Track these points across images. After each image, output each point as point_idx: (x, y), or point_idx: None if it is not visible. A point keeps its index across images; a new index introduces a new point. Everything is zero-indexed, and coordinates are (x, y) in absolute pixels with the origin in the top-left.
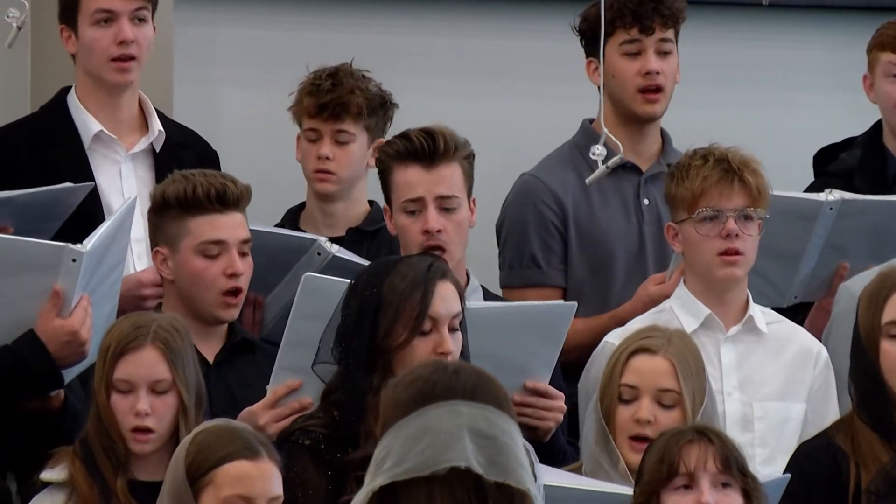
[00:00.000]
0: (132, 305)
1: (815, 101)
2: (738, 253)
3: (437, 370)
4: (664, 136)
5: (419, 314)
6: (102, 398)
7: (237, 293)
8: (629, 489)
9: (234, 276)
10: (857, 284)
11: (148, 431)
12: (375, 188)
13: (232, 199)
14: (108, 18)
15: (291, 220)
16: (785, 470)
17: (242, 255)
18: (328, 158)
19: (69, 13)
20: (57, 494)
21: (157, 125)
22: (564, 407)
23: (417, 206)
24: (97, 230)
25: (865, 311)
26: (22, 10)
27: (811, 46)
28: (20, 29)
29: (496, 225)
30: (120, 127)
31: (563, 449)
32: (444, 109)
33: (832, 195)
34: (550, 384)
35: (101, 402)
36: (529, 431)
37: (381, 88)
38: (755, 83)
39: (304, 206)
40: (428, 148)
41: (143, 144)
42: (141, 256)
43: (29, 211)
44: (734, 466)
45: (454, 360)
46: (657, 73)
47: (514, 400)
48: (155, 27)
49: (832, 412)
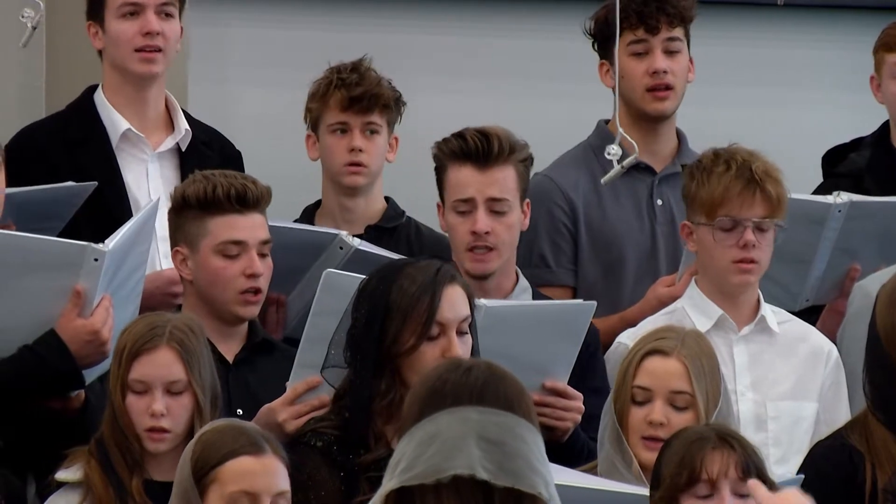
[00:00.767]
0: (164, 304)
1: (828, 100)
2: (753, 261)
3: (450, 368)
4: (680, 136)
5: (427, 319)
6: (118, 399)
7: (256, 293)
8: (643, 490)
9: (253, 276)
10: (872, 284)
11: (163, 431)
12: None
13: (252, 199)
14: (134, 11)
15: (307, 218)
16: (799, 470)
17: (262, 255)
18: (361, 151)
19: (96, 9)
20: (72, 495)
21: (183, 124)
22: (583, 407)
23: (468, 206)
24: (120, 230)
25: (885, 308)
26: (37, 9)
27: (826, 46)
28: (35, 29)
29: None
30: (147, 125)
31: (584, 447)
32: (456, 109)
33: (840, 197)
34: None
35: (116, 402)
36: (548, 431)
37: (391, 85)
38: (769, 83)
39: (319, 203)
40: (482, 149)
41: (169, 143)
42: (167, 256)
43: (30, 208)
44: (754, 473)
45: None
46: (665, 72)
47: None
48: (182, 27)
49: (843, 412)
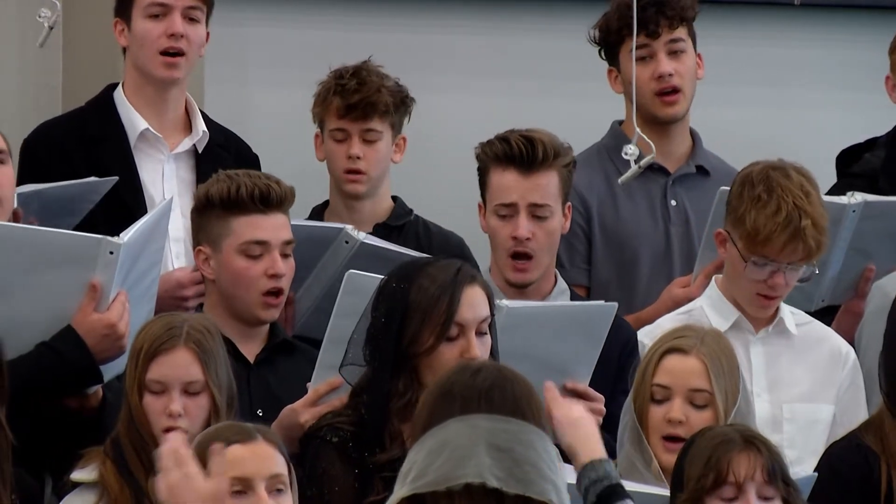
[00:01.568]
0: (172, 307)
1: (843, 100)
2: (776, 297)
3: (459, 370)
4: (694, 136)
5: (446, 320)
6: (135, 399)
7: (278, 294)
8: (663, 490)
9: (275, 276)
10: (891, 283)
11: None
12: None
13: (275, 199)
14: (161, 13)
15: (316, 217)
16: (816, 469)
17: (284, 256)
18: (359, 158)
19: (124, 6)
20: (88, 495)
21: (201, 126)
22: (604, 409)
23: (510, 210)
24: (134, 224)
25: None
26: (53, 9)
27: (842, 46)
28: (52, 29)
29: None
30: (165, 126)
31: (608, 448)
32: (469, 109)
33: (854, 198)
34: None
35: (133, 403)
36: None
37: (398, 83)
38: (784, 82)
39: (327, 203)
40: (526, 154)
41: (186, 145)
42: (179, 256)
43: (54, 205)
44: (778, 476)
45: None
46: (670, 74)
47: None
48: (208, 33)
49: (860, 414)
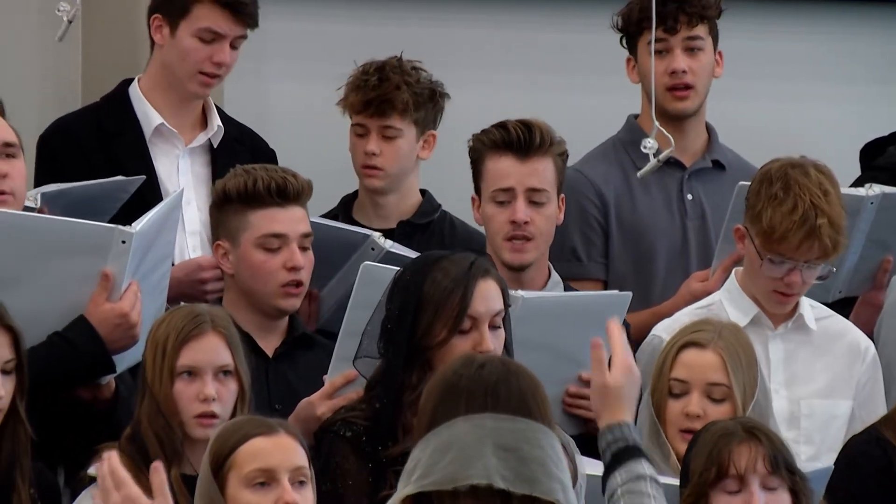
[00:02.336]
0: (193, 290)
1: (866, 93)
2: (793, 294)
3: (465, 363)
4: (710, 130)
5: (459, 313)
6: (165, 387)
7: (297, 286)
8: (675, 481)
9: (294, 269)
10: None
11: (213, 417)
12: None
13: (292, 192)
14: (212, 39)
15: (345, 208)
16: (836, 463)
17: (303, 249)
18: (375, 154)
19: (175, 10)
20: None
21: (216, 120)
22: None
23: (507, 196)
24: (146, 214)
25: None
26: (72, 3)
27: (863, 39)
28: (71, 23)
29: None
30: (181, 121)
31: None
32: (489, 103)
33: (872, 189)
34: None
35: (163, 391)
36: (584, 423)
37: (431, 80)
38: (805, 76)
39: (357, 193)
40: (524, 140)
41: (201, 139)
42: (196, 249)
43: (80, 204)
44: (782, 466)
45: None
46: (683, 71)
47: (569, 391)
48: None
49: (880, 408)
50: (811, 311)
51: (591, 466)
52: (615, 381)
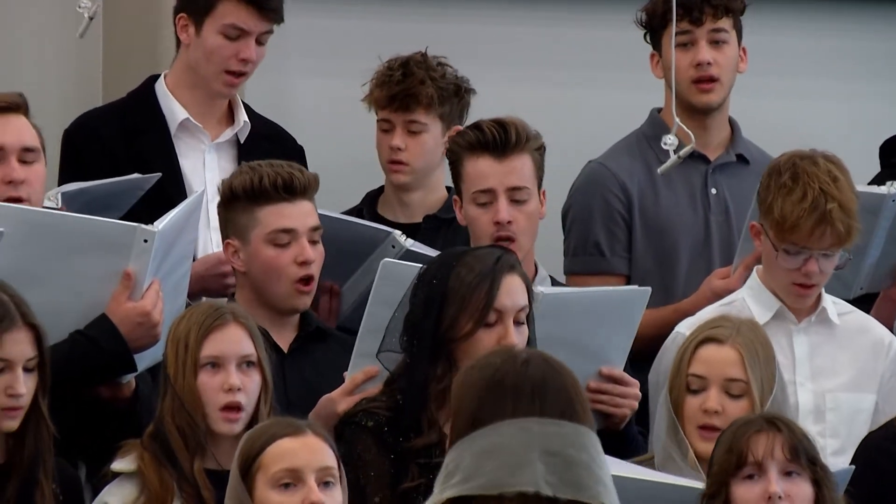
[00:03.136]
0: (215, 284)
1: (885, 90)
2: (812, 286)
3: (507, 360)
4: (733, 125)
5: (485, 306)
6: (189, 381)
7: (309, 281)
8: (696, 483)
9: (305, 263)
10: None
11: (238, 409)
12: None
13: (299, 187)
14: (237, 35)
15: (370, 203)
16: (852, 460)
17: (313, 242)
18: (400, 149)
19: (199, 8)
20: (128, 485)
21: (242, 116)
22: (639, 394)
23: (488, 197)
24: (169, 213)
25: None
26: (94, 0)
27: (884, 38)
28: (92, 19)
29: (562, 211)
30: (207, 117)
31: (635, 438)
32: (511, 97)
33: (894, 187)
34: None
35: (186, 384)
36: (604, 418)
37: (456, 76)
38: (825, 73)
39: (382, 189)
40: (500, 139)
41: (227, 135)
42: (220, 245)
43: (99, 202)
44: (803, 456)
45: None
46: (708, 63)
47: (589, 387)
48: None
49: None
50: (834, 306)
51: (614, 466)
52: None
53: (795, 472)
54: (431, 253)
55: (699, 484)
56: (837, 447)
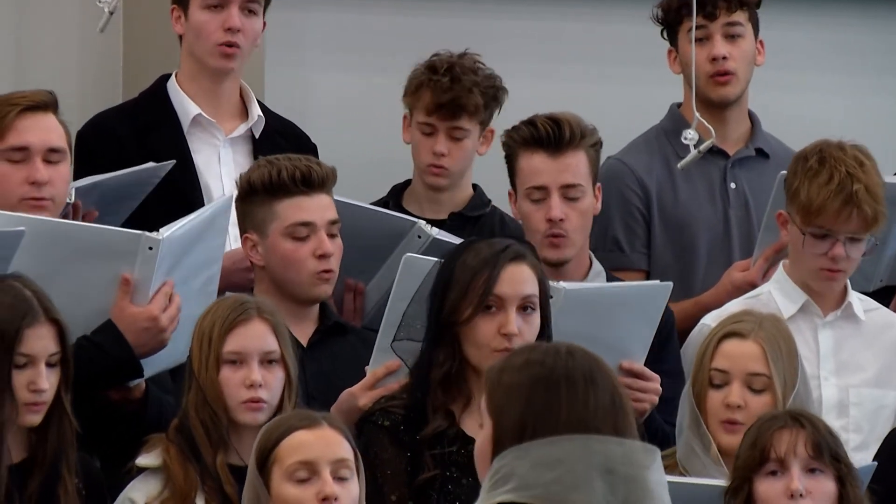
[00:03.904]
0: (240, 278)
1: None
2: (839, 271)
3: (549, 353)
4: (753, 119)
5: (484, 292)
6: (212, 375)
7: (328, 273)
8: (717, 481)
9: (323, 257)
10: None
11: (261, 402)
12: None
13: (317, 180)
14: (219, 4)
15: (395, 197)
16: (876, 455)
17: (331, 235)
18: (443, 155)
19: None
20: (152, 480)
21: (256, 111)
22: (660, 389)
23: (541, 193)
24: (181, 221)
25: None
26: None
27: None
28: (112, 14)
29: None
30: (219, 112)
31: (659, 430)
32: (530, 93)
33: None
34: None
35: (208, 379)
36: None
37: (492, 77)
38: (850, 68)
39: (408, 183)
40: (553, 136)
41: (242, 130)
42: (237, 240)
43: (113, 194)
44: (826, 453)
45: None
46: (724, 57)
47: None
48: (265, 23)
49: None
50: (860, 303)
51: None
52: None
53: (819, 468)
54: (457, 242)
55: (720, 482)
56: (860, 442)
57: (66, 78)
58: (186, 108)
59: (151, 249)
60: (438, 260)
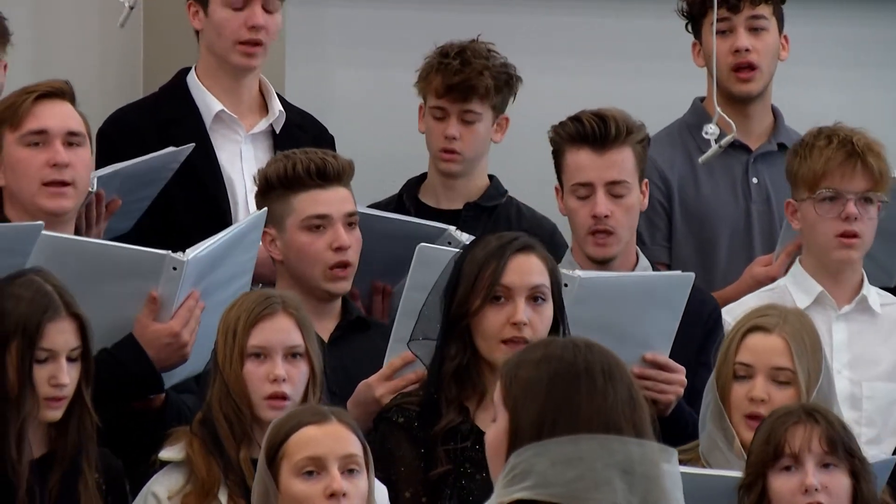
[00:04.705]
0: (269, 269)
1: None
2: (856, 235)
3: (567, 348)
4: (776, 114)
5: (491, 283)
6: (235, 369)
7: (345, 267)
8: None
9: (339, 249)
10: None
11: (284, 399)
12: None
13: (333, 173)
14: (243, 4)
15: (410, 190)
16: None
17: (349, 227)
18: (455, 139)
19: None
20: (175, 474)
21: (277, 106)
22: (685, 380)
23: (587, 190)
24: (208, 240)
25: None
26: None
27: None
28: (132, 9)
29: None
30: (240, 107)
31: (689, 421)
32: (556, 88)
33: None
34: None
35: (232, 373)
36: (650, 405)
37: (505, 63)
38: (869, 63)
39: (424, 177)
40: (599, 132)
41: (262, 125)
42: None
43: (135, 181)
44: (840, 448)
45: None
46: (747, 50)
47: (633, 372)
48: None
49: None
50: (877, 297)
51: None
52: None
53: (833, 464)
54: None
55: (736, 473)
56: (873, 436)
57: (86, 73)
58: (209, 103)
59: (176, 270)
60: (454, 250)
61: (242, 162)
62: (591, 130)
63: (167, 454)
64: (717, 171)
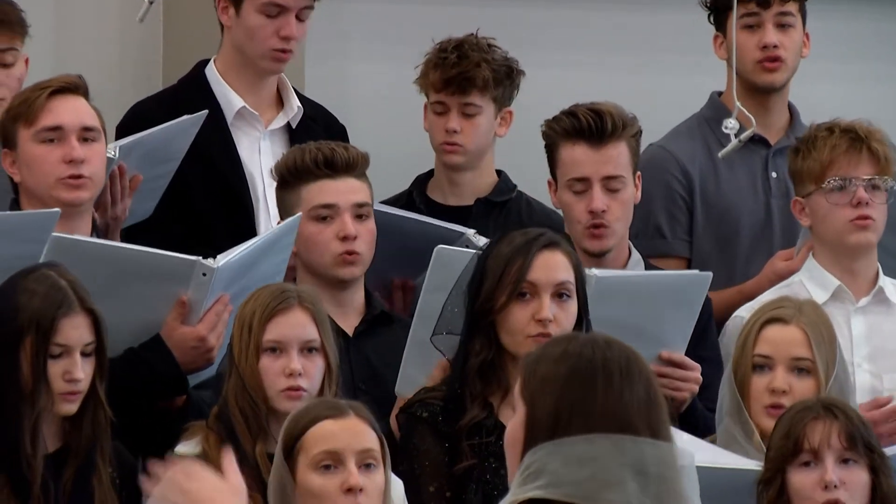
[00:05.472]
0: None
1: None
2: (869, 217)
3: (586, 345)
4: (792, 110)
5: (517, 279)
6: (251, 363)
7: (352, 255)
8: (753, 464)
9: (346, 239)
10: None
11: (300, 390)
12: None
13: (341, 163)
14: (276, 13)
15: (419, 187)
16: None
17: (359, 218)
18: (456, 132)
19: None
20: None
21: (295, 102)
22: (700, 378)
23: (583, 185)
24: (239, 247)
25: None
26: None
27: None
28: (152, 3)
29: None
30: (259, 103)
31: (701, 418)
32: (567, 82)
33: None
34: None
35: (248, 367)
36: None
37: (506, 57)
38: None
39: (432, 173)
40: (595, 127)
41: (280, 121)
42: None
43: (154, 153)
44: (860, 443)
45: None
46: (775, 45)
47: None
48: None
49: None
50: (893, 289)
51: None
52: None
53: (852, 459)
54: None
55: (754, 464)
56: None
57: (105, 67)
58: (230, 99)
59: (205, 276)
60: (473, 252)
61: (261, 157)
62: (586, 125)
63: (183, 448)
64: (736, 165)
